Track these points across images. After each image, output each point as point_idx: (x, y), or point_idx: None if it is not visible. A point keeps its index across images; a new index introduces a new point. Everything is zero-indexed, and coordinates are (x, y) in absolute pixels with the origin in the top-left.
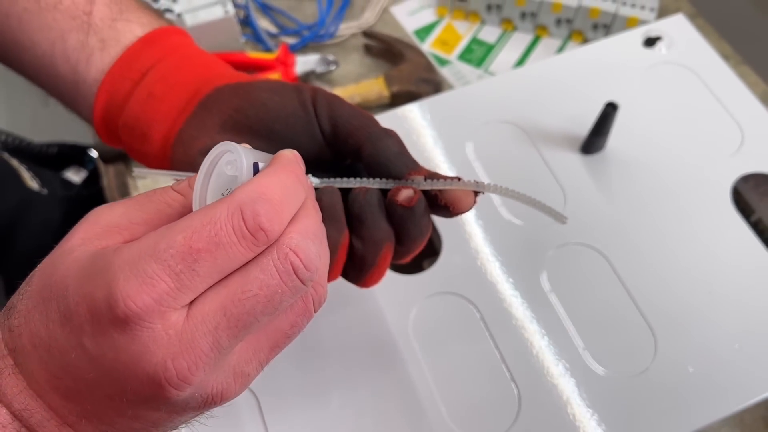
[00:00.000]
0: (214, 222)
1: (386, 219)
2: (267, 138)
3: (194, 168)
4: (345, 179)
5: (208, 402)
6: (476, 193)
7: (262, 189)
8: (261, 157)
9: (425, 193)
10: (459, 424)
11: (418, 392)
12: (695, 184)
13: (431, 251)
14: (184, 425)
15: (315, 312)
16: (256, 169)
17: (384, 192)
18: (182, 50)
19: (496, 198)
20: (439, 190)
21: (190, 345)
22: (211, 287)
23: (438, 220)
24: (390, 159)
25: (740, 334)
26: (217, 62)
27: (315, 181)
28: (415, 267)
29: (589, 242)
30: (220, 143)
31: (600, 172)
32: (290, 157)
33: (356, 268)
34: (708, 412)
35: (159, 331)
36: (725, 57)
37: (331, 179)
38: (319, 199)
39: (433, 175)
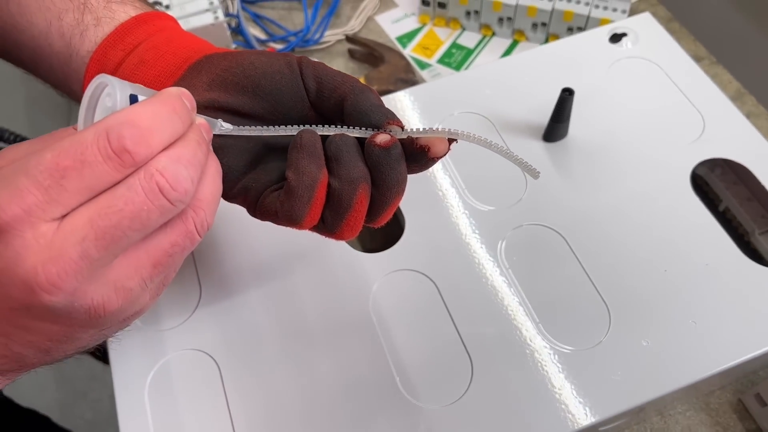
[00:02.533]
0: (81, 142)
1: (363, 162)
2: (253, 94)
3: None
4: (325, 126)
5: (92, 314)
6: (450, 141)
7: (131, 115)
8: (145, 92)
9: (402, 144)
10: (411, 393)
11: (374, 363)
12: (655, 168)
13: (396, 231)
14: (90, 345)
15: (199, 235)
16: (134, 101)
17: (361, 142)
18: (174, 30)
19: (461, 181)
20: (416, 138)
21: (60, 253)
22: (83, 204)
23: (403, 204)
24: (371, 108)
25: (696, 311)
26: (206, 42)
27: (227, 126)
28: (378, 248)
29: (547, 223)
30: (98, 76)
31: (561, 159)
32: (172, 92)
33: (333, 210)
34: (660, 385)
35: (29, 239)
36: (700, 58)
37: (312, 126)
38: (299, 138)
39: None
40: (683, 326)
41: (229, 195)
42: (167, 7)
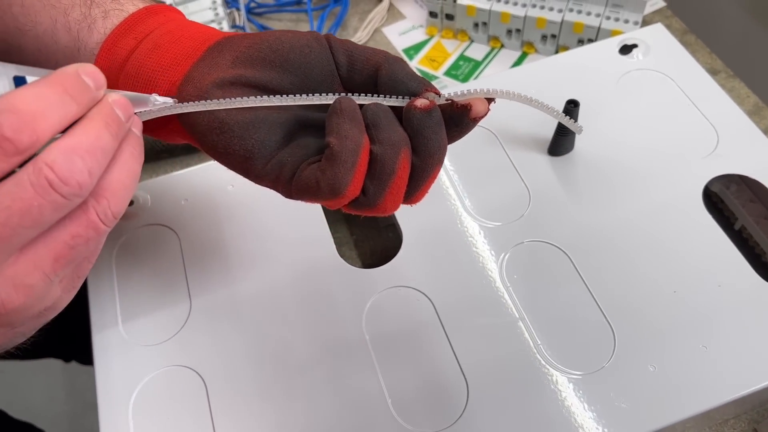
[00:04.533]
0: None
1: (401, 128)
2: (281, 68)
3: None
4: (360, 95)
5: None
6: (489, 101)
7: (11, 101)
8: (37, 74)
9: (441, 109)
10: (404, 417)
11: (365, 384)
12: (665, 184)
13: (394, 245)
14: (8, 345)
15: (104, 225)
16: (21, 84)
17: (396, 113)
18: (186, 20)
19: (462, 195)
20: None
21: None
22: None
23: (401, 216)
24: (407, 77)
25: (706, 335)
26: (221, 31)
27: (163, 100)
28: (376, 262)
29: (550, 240)
30: None
31: (567, 173)
32: (67, 70)
33: (376, 178)
34: (668, 414)
35: None
36: (716, 72)
37: (348, 94)
38: (338, 103)
39: None
40: (694, 351)
41: (261, 172)
42: None
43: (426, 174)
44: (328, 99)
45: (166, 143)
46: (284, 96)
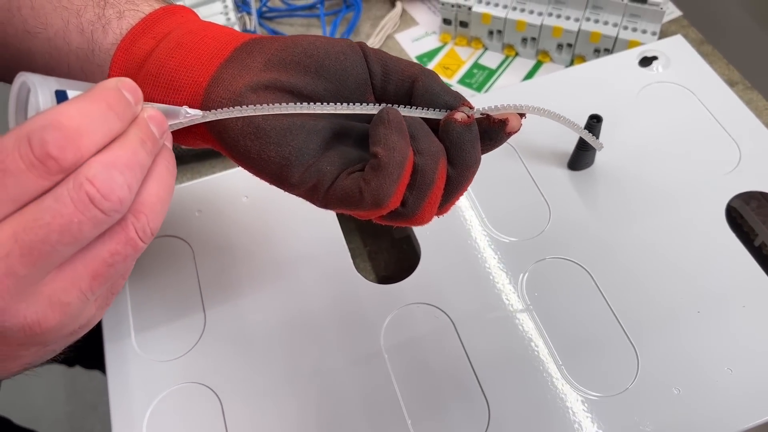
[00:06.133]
0: (1, 150)
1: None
2: (316, 74)
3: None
4: (399, 107)
5: (29, 333)
6: (521, 116)
7: (56, 117)
8: (77, 87)
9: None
10: None
11: (384, 403)
12: (687, 200)
13: (412, 261)
14: (38, 362)
15: (142, 242)
16: (63, 99)
17: (429, 125)
18: (203, 20)
19: (481, 211)
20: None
21: None
22: (8, 217)
23: (418, 231)
24: (443, 90)
25: (732, 357)
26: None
27: (192, 113)
28: (393, 278)
29: (571, 257)
30: (19, 74)
31: (587, 188)
32: (108, 84)
33: (416, 188)
34: None
35: None
36: (733, 83)
37: (390, 105)
38: (385, 114)
39: None
40: (718, 373)
41: (298, 181)
42: None
43: (461, 185)
44: (372, 110)
45: (178, 150)
46: (327, 104)
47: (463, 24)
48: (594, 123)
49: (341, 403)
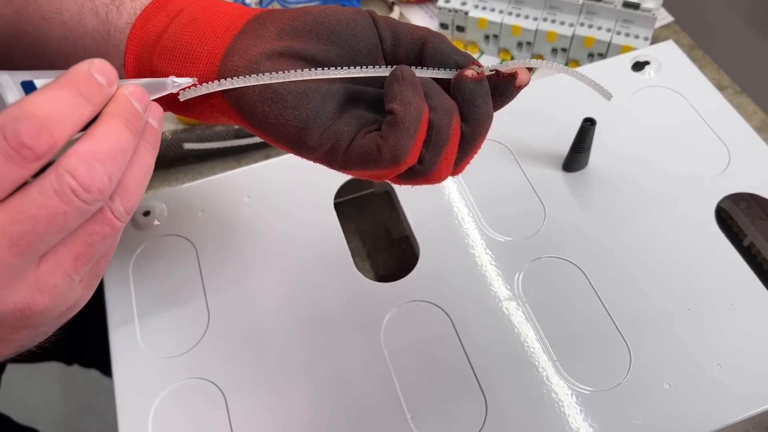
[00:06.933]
0: None
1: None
2: (328, 41)
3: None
4: (411, 67)
5: (19, 317)
6: (530, 71)
7: (26, 107)
8: (45, 76)
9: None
10: (423, 431)
11: (384, 398)
12: (678, 201)
13: (410, 260)
14: (30, 344)
15: (119, 221)
16: (32, 89)
17: (441, 85)
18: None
19: (477, 210)
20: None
21: None
22: None
23: (417, 231)
24: (452, 50)
25: (721, 352)
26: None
27: (181, 81)
28: (392, 277)
29: (565, 256)
30: None
31: (582, 189)
32: (79, 68)
33: (432, 145)
34: (682, 430)
35: None
36: (723, 87)
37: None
38: (399, 72)
39: None
40: (708, 369)
41: (317, 143)
42: None
43: (475, 141)
44: (386, 72)
45: (179, 151)
46: (340, 68)
47: (460, 28)
48: (588, 126)
49: (342, 398)
